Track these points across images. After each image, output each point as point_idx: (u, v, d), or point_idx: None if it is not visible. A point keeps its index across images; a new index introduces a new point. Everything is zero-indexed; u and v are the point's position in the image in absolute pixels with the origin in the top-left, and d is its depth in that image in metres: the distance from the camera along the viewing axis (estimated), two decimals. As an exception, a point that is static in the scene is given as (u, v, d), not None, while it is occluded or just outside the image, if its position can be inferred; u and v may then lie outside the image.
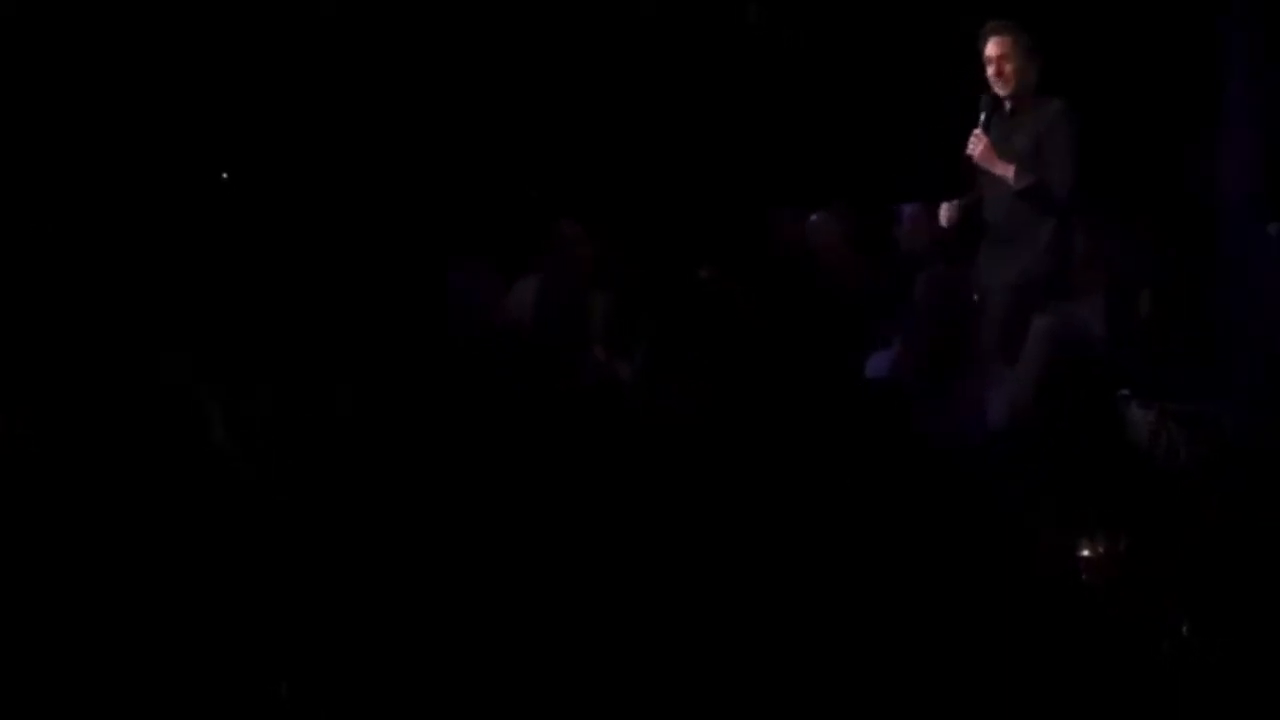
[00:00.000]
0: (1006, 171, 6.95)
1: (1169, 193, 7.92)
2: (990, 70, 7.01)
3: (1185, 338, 6.57)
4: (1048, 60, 7.07)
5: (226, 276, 6.83)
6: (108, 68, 8.22)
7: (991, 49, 7.02)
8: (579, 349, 6.24)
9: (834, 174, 8.28)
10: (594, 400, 5.31)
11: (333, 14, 8.16)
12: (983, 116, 6.99)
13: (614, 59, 8.77)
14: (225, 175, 7.84)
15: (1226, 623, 4.11)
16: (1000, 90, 7.01)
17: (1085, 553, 4.29)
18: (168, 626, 4.31)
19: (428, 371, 5.32)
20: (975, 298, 6.51)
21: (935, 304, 6.09)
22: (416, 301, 6.66)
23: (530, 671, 4.15)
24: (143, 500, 4.61)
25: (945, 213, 7.11)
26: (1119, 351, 6.31)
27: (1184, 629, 4.13)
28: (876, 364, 6.31)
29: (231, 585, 4.41)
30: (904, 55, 7.83)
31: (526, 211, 8.07)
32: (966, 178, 7.12)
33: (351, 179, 8.20)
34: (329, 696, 4.26)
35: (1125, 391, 5.51)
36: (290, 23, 8.20)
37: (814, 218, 7.44)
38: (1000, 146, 6.98)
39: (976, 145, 6.98)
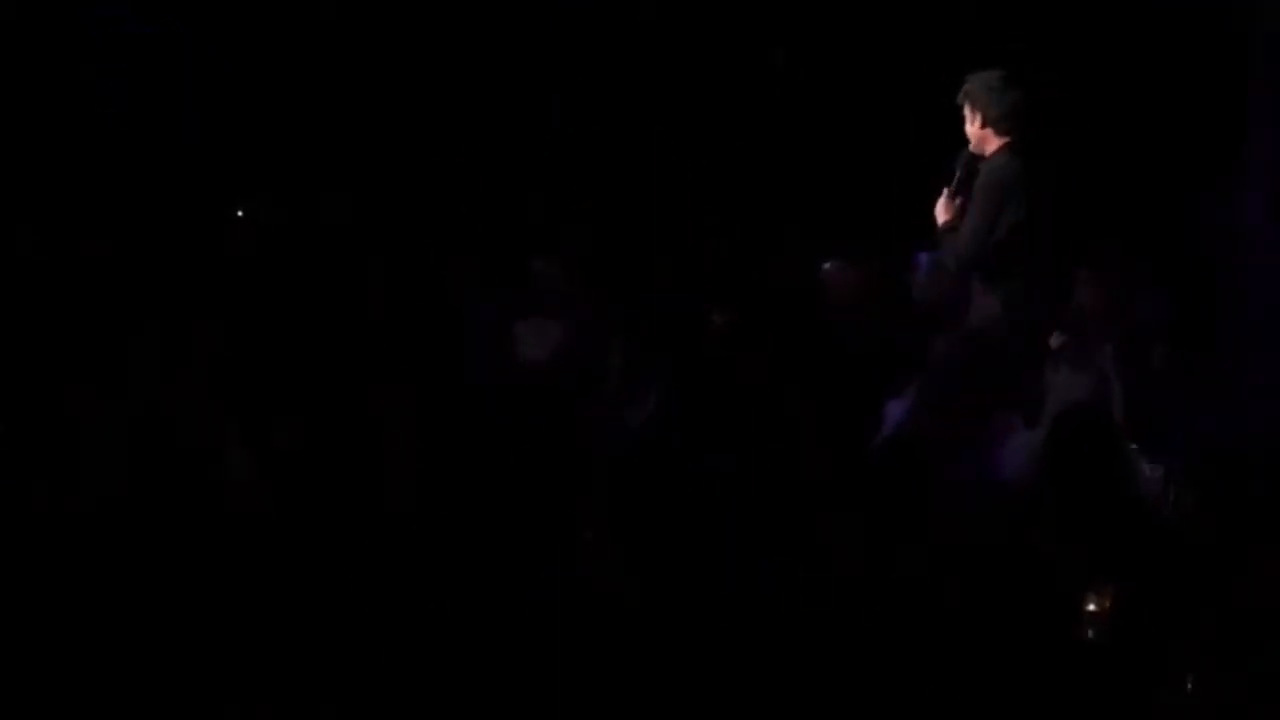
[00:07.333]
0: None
1: (1177, 240, 7.84)
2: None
3: (1199, 387, 6.55)
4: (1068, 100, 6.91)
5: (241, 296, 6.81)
6: (107, 67, 8.21)
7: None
8: (591, 395, 6.25)
9: (848, 218, 8.23)
10: (603, 447, 5.33)
11: (333, 16, 8.13)
12: (958, 175, 6.88)
13: (632, 96, 8.76)
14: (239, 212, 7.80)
15: (1227, 675, 4.13)
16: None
17: (1092, 606, 4.31)
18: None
19: (441, 407, 5.36)
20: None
21: (951, 357, 6.09)
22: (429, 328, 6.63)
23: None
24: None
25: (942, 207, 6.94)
26: (1132, 404, 6.31)
27: (1188, 682, 4.15)
28: (892, 412, 6.31)
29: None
30: (926, 102, 7.74)
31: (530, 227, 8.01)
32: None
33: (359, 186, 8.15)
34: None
35: (1135, 447, 5.53)
36: (290, 24, 8.17)
37: (827, 266, 7.37)
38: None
39: (940, 209, 6.90)
